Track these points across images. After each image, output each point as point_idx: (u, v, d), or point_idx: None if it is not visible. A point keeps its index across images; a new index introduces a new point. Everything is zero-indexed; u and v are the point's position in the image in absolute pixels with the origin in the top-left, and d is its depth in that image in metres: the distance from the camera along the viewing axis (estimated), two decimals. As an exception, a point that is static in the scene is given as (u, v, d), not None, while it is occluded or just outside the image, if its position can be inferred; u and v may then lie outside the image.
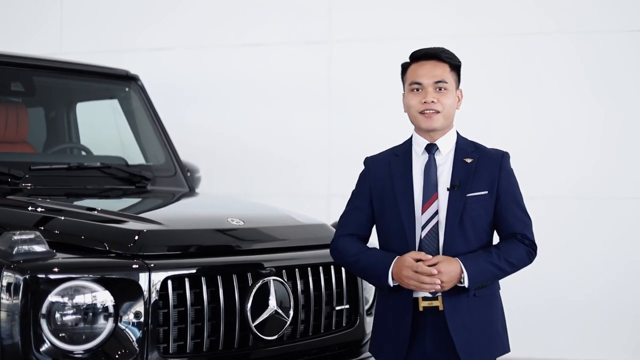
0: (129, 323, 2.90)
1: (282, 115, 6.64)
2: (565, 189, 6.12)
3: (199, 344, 3.05)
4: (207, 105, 6.77)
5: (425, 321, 2.79)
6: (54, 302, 2.82)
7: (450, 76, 2.86)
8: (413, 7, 6.45)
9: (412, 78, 2.87)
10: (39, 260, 2.85)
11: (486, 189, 2.81)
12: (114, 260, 2.96)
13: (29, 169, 3.94)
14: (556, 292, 6.07)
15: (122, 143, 4.76)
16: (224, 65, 6.81)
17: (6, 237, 2.89)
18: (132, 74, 4.65)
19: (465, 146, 2.89)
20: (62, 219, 3.28)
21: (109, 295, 2.88)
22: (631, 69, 6.05)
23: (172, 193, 4.36)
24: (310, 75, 6.61)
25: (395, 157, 2.90)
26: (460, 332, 2.74)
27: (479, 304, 2.79)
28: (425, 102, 2.81)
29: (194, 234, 3.23)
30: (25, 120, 4.41)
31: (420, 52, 2.89)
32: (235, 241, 3.29)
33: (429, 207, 2.78)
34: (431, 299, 2.77)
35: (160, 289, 2.95)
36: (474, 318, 2.77)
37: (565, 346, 6.05)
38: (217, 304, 3.07)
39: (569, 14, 6.18)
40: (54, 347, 2.81)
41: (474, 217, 2.79)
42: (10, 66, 4.23)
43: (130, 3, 7.10)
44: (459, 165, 2.83)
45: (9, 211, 3.47)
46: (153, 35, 6.99)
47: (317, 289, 3.40)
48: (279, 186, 6.57)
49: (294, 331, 3.32)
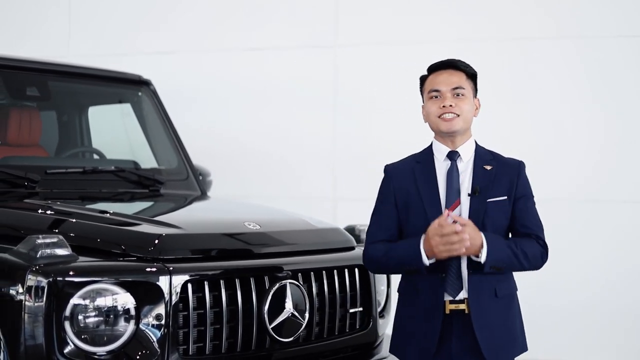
0: (150, 325, 2.95)
1: (288, 118, 6.68)
2: (566, 191, 6.15)
3: (218, 345, 3.10)
4: (212, 109, 6.82)
5: (452, 324, 2.86)
6: (77, 304, 2.87)
7: (467, 83, 2.95)
8: (417, 12, 6.50)
9: (430, 86, 2.96)
10: (62, 263, 2.90)
11: (505, 195, 2.91)
12: (136, 264, 3.02)
13: (44, 172, 3.99)
14: (556, 294, 6.10)
15: (134, 147, 4.82)
16: (230, 68, 6.86)
17: (30, 240, 2.94)
18: (144, 79, 4.72)
19: (483, 154, 2.99)
20: (82, 223, 3.33)
21: (131, 298, 2.93)
22: (632, 73, 6.09)
23: (185, 196, 4.41)
24: (316, 79, 6.66)
25: (417, 164, 2.97)
26: (484, 333, 2.84)
27: (500, 304, 2.88)
28: (443, 106, 2.90)
29: (212, 237, 3.28)
30: (38, 124, 4.46)
31: (437, 63, 2.99)
32: (253, 245, 3.34)
33: (455, 209, 2.87)
34: (457, 302, 2.85)
35: (181, 292, 3.00)
36: (497, 319, 2.86)
37: (565, 348, 6.10)
38: (235, 307, 3.12)
39: (571, 19, 6.23)
40: (77, 348, 2.86)
41: (494, 221, 2.89)
42: (26, 71, 4.29)
43: (136, 7, 7.14)
44: (479, 172, 2.92)
45: (28, 214, 3.52)
46: (159, 38, 7.03)
47: (331, 292, 3.46)
48: (285, 189, 6.62)
49: (309, 333, 3.38)
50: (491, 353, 2.84)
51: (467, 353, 2.85)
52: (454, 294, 2.85)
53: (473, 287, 2.84)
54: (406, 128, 6.33)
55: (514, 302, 2.96)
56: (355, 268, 3.57)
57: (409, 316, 2.94)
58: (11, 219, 3.48)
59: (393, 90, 6.49)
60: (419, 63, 6.63)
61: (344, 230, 3.76)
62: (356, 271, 3.57)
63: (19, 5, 7.39)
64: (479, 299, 2.84)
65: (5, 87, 4.29)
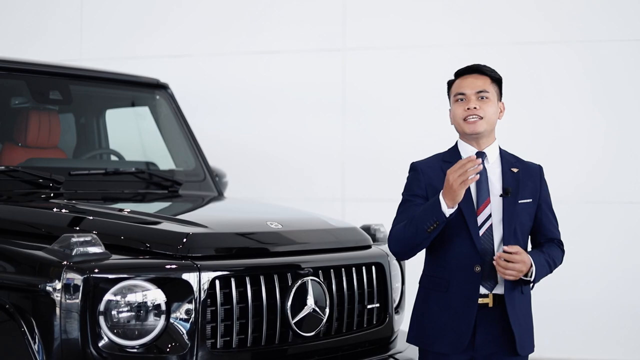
0: (180, 319, 3.07)
1: (297, 121, 6.80)
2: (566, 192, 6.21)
3: (243, 339, 3.22)
4: (221, 111, 6.93)
5: (476, 317, 3.00)
6: (110, 300, 2.99)
7: (491, 87, 3.08)
8: (424, 16, 6.62)
9: (456, 90, 3.09)
10: (97, 261, 3.02)
11: (530, 197, 3.07)
12: (166, 261, 3.14)
13: (68, 174, 4.12)
14: (556, 292, 6.18)
15: (151, 149, 4.94)
16: (239, 72, 6.97)
17: (65, 239, 3.06)
18: (162, 82, 4.84)
19: (509, 157, 3.14)
20: (111, 222, 3.45)
21: (161, 294, 3.05)
22: (632, 77, 6.20)
23: (202, 197, 4.54)
24: (324, 82, 6.78)
25: (445, 164, 3.06)
26: (517, 326, 3.00)
27: (525, 301, 3.06)
28: (468, 109, 3.03)
29: (237, 236, 3.41)
30: (57, 127, 4.57)
31: (464, 68, 3.13)
32: (276, 243, 3.47)
33: (482, 211, 3.01)
34: (482, 296, 2.99)
35: (209, 288, 3.13)
36: (523, 314, 3.04)
37: (571, 346, 6.22)
38: (259, 302, 3.25)
39: (572, 23, 6.34)
40: (111, 342, 2.99)
41: (522, 223, 3.04)
42: (50, 75, 4.42)
43: (147, 11, 7.24)
44: (508, 174, 3.06)
45: (58, 214, 3.64)
46: (169, 42, 7.14)
47: (350, 289, 3.58)
48: (294, 190, 6.73)
49: (329, 328, 3.50)
50: (521, 345, 3.00)
51: (490, 344, 3.00)
52: (490, 288, 3.00)
53: (508, 283, 2.99)
54: (414, 130, 6.49)
55: (530, 302, 3.13)
56: (372, 266, 3.70)
57: (439, 309, 3.06)
58: (42, 219, 3.59)
59: (400, 93, 6.62)
60: (426, 66, 6.80)
61: (360, 230, 3.89)
62: (373, 269, 3.70)
63: (32, 9, 7.50)
64: (512, 294, 3.00)
65: (30, 90, 4.41)
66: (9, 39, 7.36)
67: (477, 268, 2.98)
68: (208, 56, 7.07)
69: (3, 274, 3.22)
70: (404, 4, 6.65)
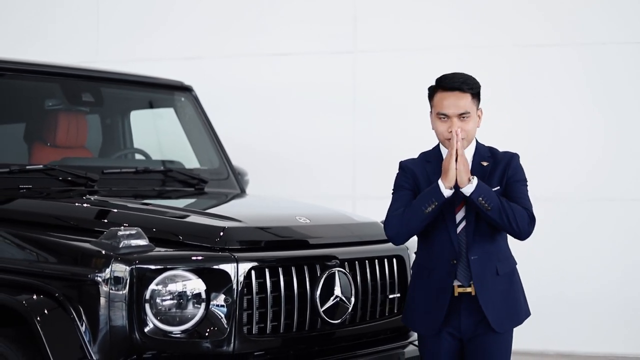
0: (219, 307, 3.30)
1: (309, 122, 6.98)
2: (566, 190, 6.50)
3: (276, 326, 3.46)
4: (235, 112, 7.08)
5: (461, 302, 3.28)
6: (155, 289, 3.22)
7: (472, 104, 3.28)
8: (433, 19, 6.80)
9: (438, 108, 3.29)
10: (142, 252, 3.25)
11: (498, 185, 3.29)
12: (206, 253, 3.36)
13: (101, 172, 4.34)
14: (565, 287, 6.40)
15: (175, 148, 5.15)
16: (252, 74, 7.14)
17: (112, 232, 3.29)
18: (186, 85, 5.06)
19: (482, 151, 3.36)
20: (150, 216, 3.68)
21: (202, 283, 3.27)
22: (632, 79, 6.37)
23: (227, 194, 4.76)
24: (335, 84, 6.97)
25: (427, 163, 3.36)
26: (489, 307, 3.25)
27: (502, 281, 3.29)
28: (451, 132, 3.24)
29: (270, 230, 3.65)
30: (84, 127, 4.78)
31: (446, 82, 3.29)
32: (305, 237, 3.70)
33: (459, 211, 3.28)
34: (464, 286, 3.27)
35: (245, 278, 3.35)
36: (499, 294, 3.28)
37: (574, 340, 6.42)
38: (291, 292, 3.49)
39: (573, 26, 6.50)
40: (156, 328, 3.22)
41: None
42: (82, 79, 4.64)
43: (162, 14, 7.42)
44: (476, 168, 3.30)
45: (99, 209, 3.84)
46: (183, 44, 7.31)
47: (373, 280, 3.82)
48: (307, 189, 6.90)
49: (354, 316, 3.74)
50: (498, 324, 3.26)
51: (475, 326, 3.28)
52: (465, 282, 3.26)
53: (477, 269, 3.25)
54: (422, 130, 6.65)
55: (515, 276, 3.37)
56: (394, 258, 3.93)
57: (421, 294, 3.36)
58: (84, 214, 3.81)
59: (409, 94, 6.79)
60: (434, 68, 6.97)
61: (381, 224, 4.11)
62: (394, 261, 3.93)
63: (49, 13, 7.66)
64: (483, 279, 3.25)
65: (63, 93, 4.62)
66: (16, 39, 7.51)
67: (453, 261, 3.26)
68: (220, 59, 7.24)
69: (52, 265, 3.45)
70: (413, 7, 6.84)
